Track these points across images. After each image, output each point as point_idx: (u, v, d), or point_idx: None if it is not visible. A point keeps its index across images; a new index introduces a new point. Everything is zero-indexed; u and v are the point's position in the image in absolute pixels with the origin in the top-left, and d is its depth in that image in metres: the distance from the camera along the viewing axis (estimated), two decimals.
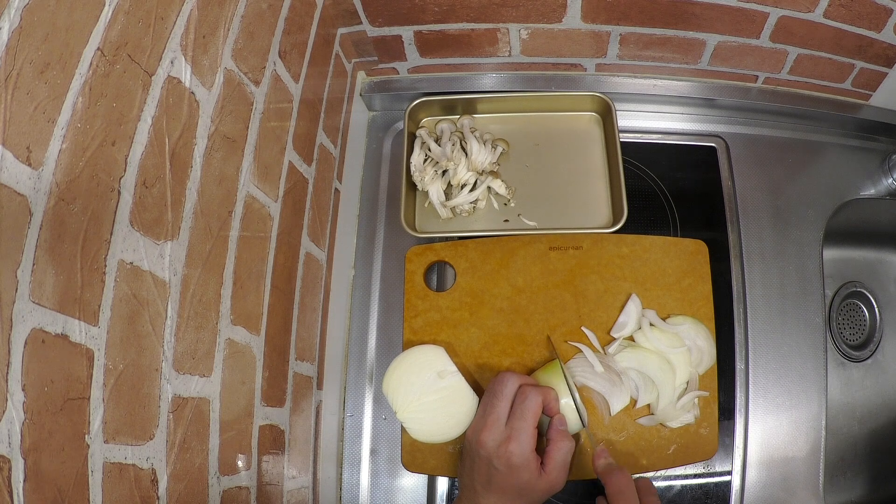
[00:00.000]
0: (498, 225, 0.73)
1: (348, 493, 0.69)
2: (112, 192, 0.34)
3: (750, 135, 0.81)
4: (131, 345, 0.35)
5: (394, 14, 0.70)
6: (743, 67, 0.77)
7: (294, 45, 0.58)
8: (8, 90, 0.27)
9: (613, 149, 0.73)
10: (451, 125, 0.76)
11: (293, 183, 0.59)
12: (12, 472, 0.27)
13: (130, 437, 0.35)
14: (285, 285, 0.57)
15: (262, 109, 0.51)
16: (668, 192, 0.77)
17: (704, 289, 0.69)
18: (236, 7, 0.47)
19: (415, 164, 0.72)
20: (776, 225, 0.76)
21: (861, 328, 0.88)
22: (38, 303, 0.29)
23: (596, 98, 0.76)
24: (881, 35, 0.68)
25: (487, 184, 0.72)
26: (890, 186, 0.78)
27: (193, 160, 0.42)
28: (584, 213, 0.73)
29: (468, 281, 0.70)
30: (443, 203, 0.72)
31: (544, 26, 0.71)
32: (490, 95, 0.77)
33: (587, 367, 0.64)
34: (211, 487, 0.44)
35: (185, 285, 0.41)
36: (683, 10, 0.68)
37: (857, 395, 0.84)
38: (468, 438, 0.58)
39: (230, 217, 0.47)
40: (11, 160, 0.27)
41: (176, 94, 0.39)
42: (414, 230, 0.70)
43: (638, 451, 0.63)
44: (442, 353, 0.64)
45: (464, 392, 0.62)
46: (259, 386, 0.52)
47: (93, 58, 0.32)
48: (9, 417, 0.27)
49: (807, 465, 0.68)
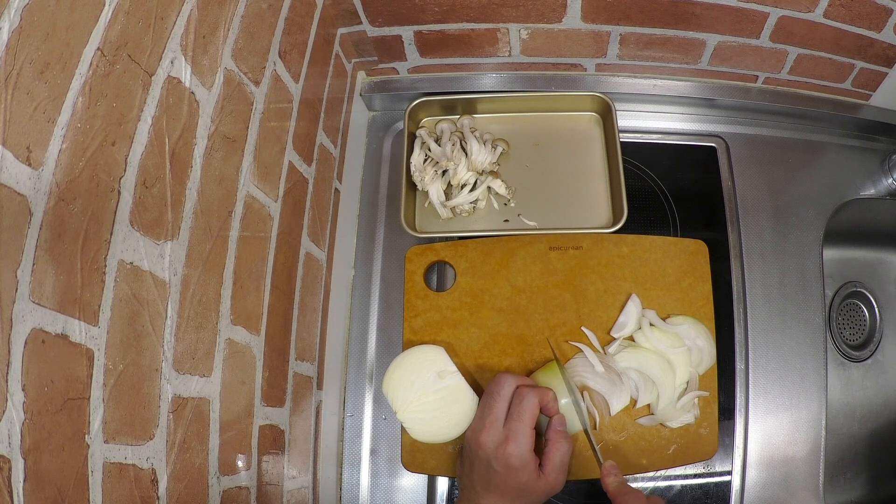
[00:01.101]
0: (498, 225, 0.73)
1: (348, 493, 0.69)
2: (112, 192, 0.34)
3: (750, 135, 0.81)
4: (131, 345, 0.35)
5: (394, 14, 0.70)
6: (743, 67, 0.77)
7: (294, 45, 0.58)
8: (8, 90, 0.27)
9: (613, 149, 0.73)
10: (451, 125, 0.76)
11: (293, 183, 0.59)
12: (12, 472, 0.27)
13: (130, 437, 0.35)
14: (285, 285, 0.57)
15: (262, 109, 0.51)
16: (668, 192, 0.77)
17: (704, 289, 0.69)
18: (236, 7, 0.47)
19: (415, 164, 0.72)
20: (776, 225, 0.76)
21: (861, 328, 0.88)
22: (38, 303, 0.29)
23: (596, 98, 0.76)
24: (881, 35, 0.68)
25: (487, 184, 0.72)
26: (890, 186, 0.78)
27: (193, 160, 0.42)
28: (584, 213, 0.73)
29: (468, 281, 0.70)
30: (443, 203, 0.72)
31: (544, 26, 0.71)
32: (490, 95, 0.77)
33: (587, 367, 0.64)
34: (211, 487, 0.44)
35: (185, 285, 0.41)
36: (683, 10, 0.68)
37: (857, 395, 0.84)
38: (467, 439, 0.58)
39: (230, 217, 0.47)
40: (11, 160, 0.27)
41: (176, 94, 0.39)
42: (414, 230, 0.70)
43: (638, 451, 0.63)
44: (442, 353, 0.64)
45: (464, 392, 0.62)
46: (259, 386, 0.52)
47: (93, 58, 0.32)
48: (9, 417, 0.27)
49: (807, 465, 0.68)
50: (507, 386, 0.57)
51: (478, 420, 0.57)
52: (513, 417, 0.55)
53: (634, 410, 0.64)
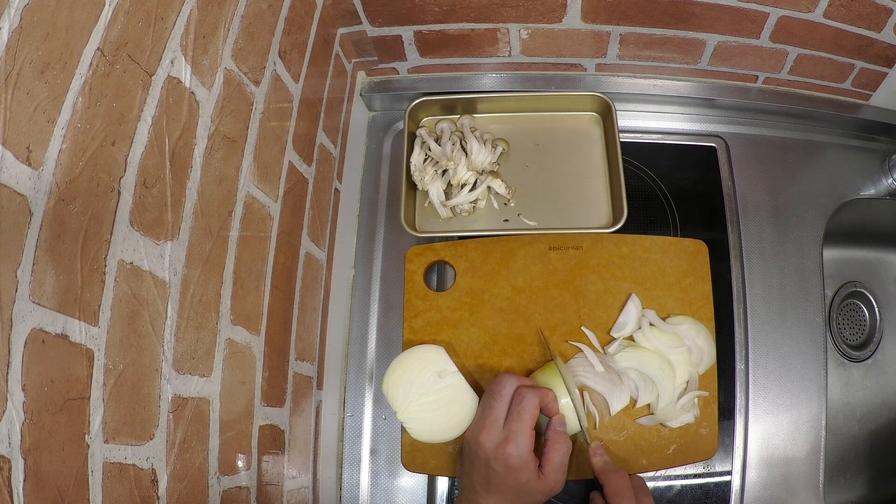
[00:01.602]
0: (498, 225, 0.73)
1: (348, 493, 0.69)
2: (112, 192, 0.34)
3: (750, 135, 0.81)
4: (131, 345, 0.35)
5: (394, 14, 0.70)
6: (743, 67, 0.77)
7: (294, 45, 0.58)
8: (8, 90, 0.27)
9: (613, 149, 0.73)
10: (451, 125, 0.76)
11: (293, 183, 0.59)
12: (12, 472, 0.27)
13: (130, 437, 0.35)
14: (285, 285, 0.57)
15: (262, 109, 0.51)
16: (668, 192, 0.77)
17: (704, 289, 0.69)
18: (236, 7, 0.47)
19: (415, 163, 0.72)
20: (776, 225, 0.76)
21: (861, 328, 0.88)
22: (38, 303, 0.29)
23: (596, 98, 0.76)
24: (881, 35, 0.68)
25: (487, 184, 0.72)
26: (890, 186, 0.78)
27: (193, 160, 0.42)
28: (584, 213, 0.73)
29: (468, 281, 0.70)
30: (443, 203, 0.72)
31: (544, 26, 0.71)
32: (490, 95, 0.77)
33: (587, 366, 0.64)
34: (211, 487, 0.44)
35: (185, 285, 0.41)
36: (683, 10, 0.68)
37: (857, 395, 0.84)
38: (467, 439, 0.58)
39: (230, 217, 0.47)
40: (11, 160, 0.27)
41: (176, 94, 0.39)
42: (414, 230, 0.70)
43: (638, 451, 0.63)
44: (442, 353, 0.64)
45: (464, 392, 0.62)
46: (259, 386, 0.52)
47: (93, 58, 0.32)
48: (9, 417, 0.27)
49: (807, 465, 0.68)
50: (507, 386, 0.57)
51: (478, 420, 0.57)
52: (513, 418, 0.55)
53: (634, 410, 0.64)
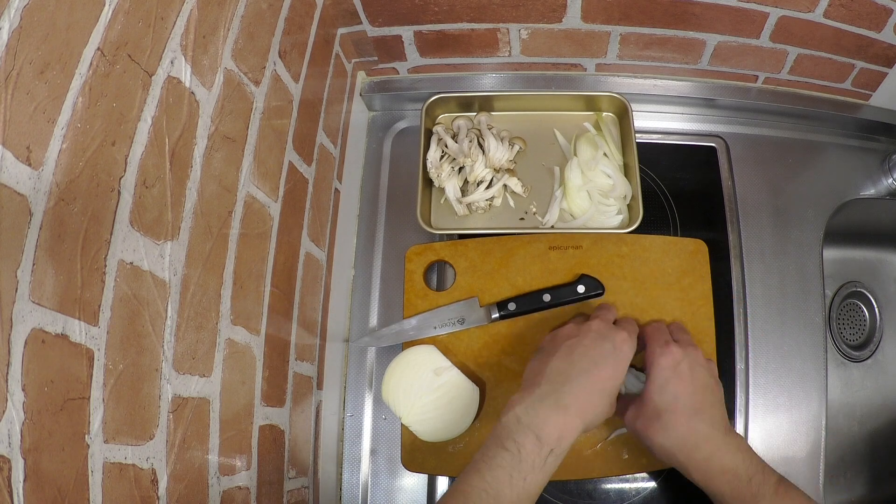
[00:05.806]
0: (513, 223, 0.72)
1: (348, 493, 0.69)
2: (112, 192, 0.34)
3: (750, 135, 0.81)
4: (131, 345, 0.35)
5: (394, 14, 0.70)
6: (743, 67, 0.77)
7: (294, 45, 0.58)
8: (8, 90, 0.27)
9: (630, 149, 0.72)
10: (468, 122, 0.75)
11: (293, 183, 0.59)
12: (12, 472, 0.27)
13: (130, 437, 0.35)
14: (285, 285, 0.57)
15: (262, 109, 0.51)
16: (668, 192, 0.77)
17: (704, 288, 0.69)
18: (236, 7, 0.47)
19: (431, 160, 0.72)
20: (776, 225, 0.76)
21: (861, 328, 0.88)
22: (38, 303, 0.29)
23: (613, 98, 0.75)
24: (881, 35, 0.68)
25: (504, 181, 0.71)
26: (890, 186, 0.78)
27: (193, 160, 0.42)
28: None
29: (468, 280, 0.70)
30: (459, 199, 0.71)
31: (544, 26, 0.71)
32: (506, 93, 0.76)
33: None
34: (211, 487, 0.44)
35: (185, 285, 0.41)
36: (683, 10, 0.68)
37: (857, 395, 0.84)
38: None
39: (230, 217, 0.47)
40: (11, 160, 0.27)
41: (176, 94, 0.39)
42: (430, 226, 0.70)
43: (638, 451, 0.63)
44: (434, 351, 0.64)
45: (462, 385, 0.62)
46: (259, 386, 0.52)
47: (93, 58, 0.32)
48: (9, 417, 0.27)
49: (807, 465, 0.68)
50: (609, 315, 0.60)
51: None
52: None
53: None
